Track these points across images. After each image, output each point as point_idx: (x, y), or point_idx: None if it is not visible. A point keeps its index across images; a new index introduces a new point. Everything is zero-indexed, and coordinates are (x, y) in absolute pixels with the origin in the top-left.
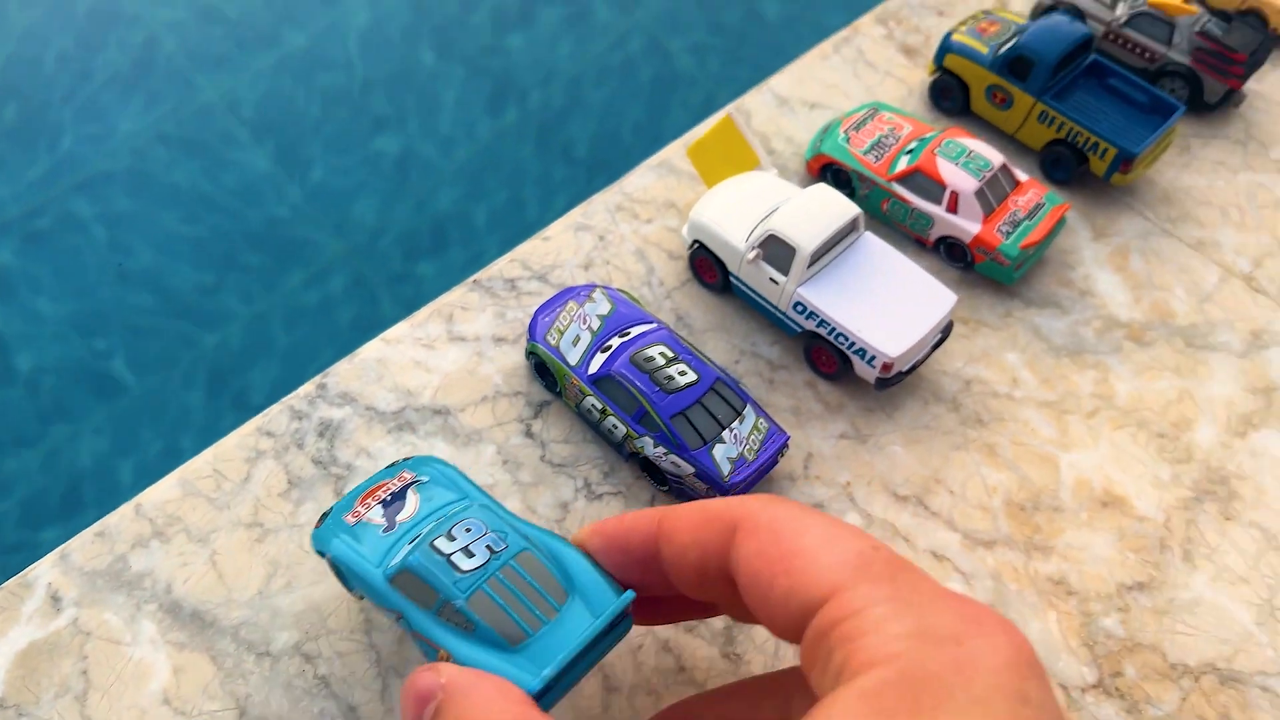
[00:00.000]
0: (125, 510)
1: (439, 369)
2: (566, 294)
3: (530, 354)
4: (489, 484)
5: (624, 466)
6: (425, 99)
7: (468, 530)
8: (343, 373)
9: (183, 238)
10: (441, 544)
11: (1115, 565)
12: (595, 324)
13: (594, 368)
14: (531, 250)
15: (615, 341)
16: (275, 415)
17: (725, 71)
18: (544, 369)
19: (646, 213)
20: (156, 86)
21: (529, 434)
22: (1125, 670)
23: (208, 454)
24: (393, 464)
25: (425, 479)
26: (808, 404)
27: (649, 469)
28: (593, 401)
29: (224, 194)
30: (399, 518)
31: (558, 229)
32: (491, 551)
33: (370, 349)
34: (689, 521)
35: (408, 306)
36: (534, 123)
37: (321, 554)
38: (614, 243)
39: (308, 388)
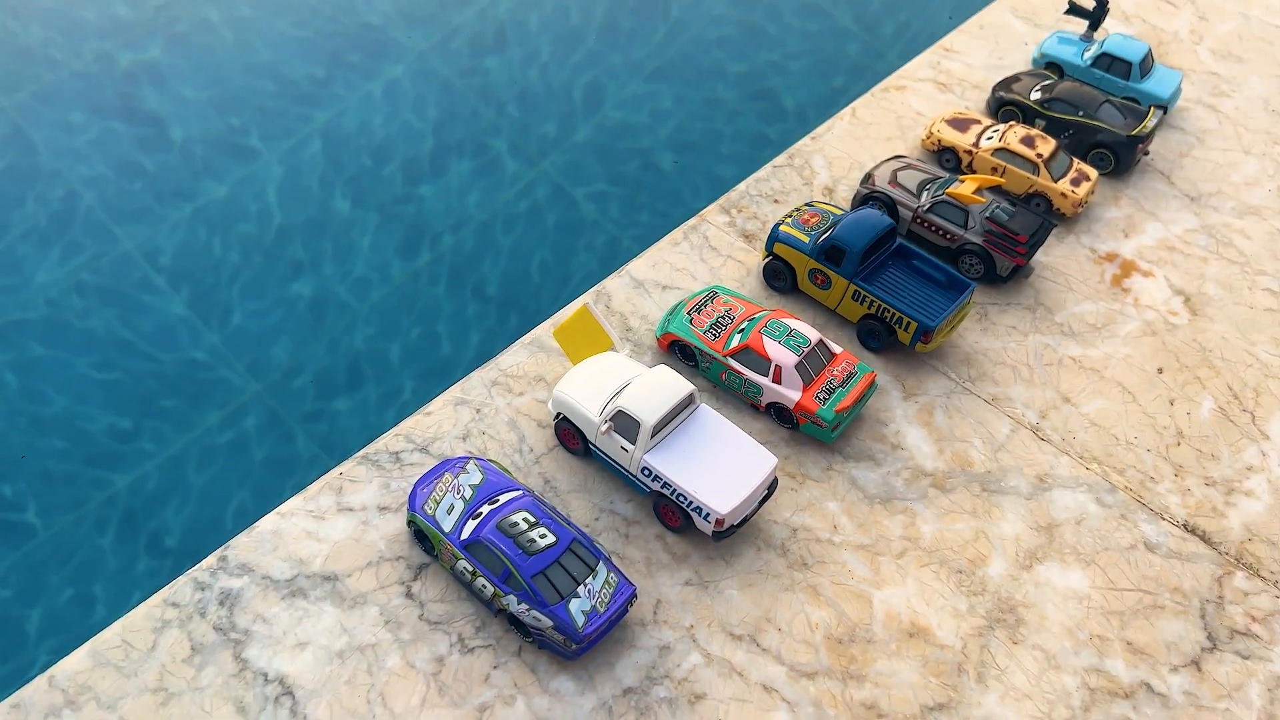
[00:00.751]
0: (39, 682)
1: (329, 538)
2: (443, 466)
3: (410, 523)
4: (371, 643)
5: (494, 622)
6: (340, 245)
7: None
8: (242, 545)
9: (97, 383)
10: None
11: (919, 689)
12: (468, 493)
13: (466, 534)
14: (415, 425)
15: (485, 509)
16: (180, 586)
17: (625, 216)
18: (422, 536)
19: (519, 386)
20: (74, 238)
21: (409, 595)
22: None
23: (117, 625)
24: None
25: None
26: (657, 555)
27: (515, 623)
28: (464, 564)
29: (140, 339)
30: None
31: (439, 404)
32: None
33: (267, 522)
34: None
35: (322, 443)
36: (446, 265)
37: None
38: (489, 415)
39: (210, 560)
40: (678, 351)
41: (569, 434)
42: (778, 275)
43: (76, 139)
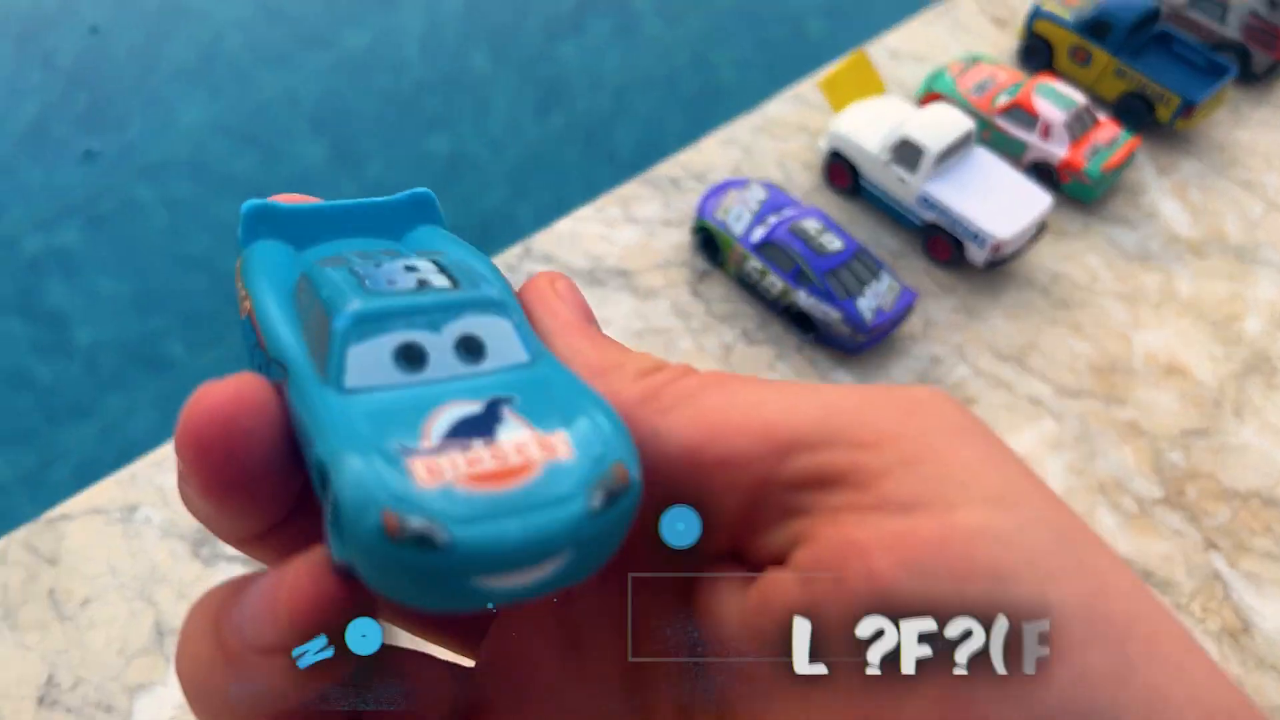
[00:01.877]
0: None
1: (619, 241)
2: (727, 184)
3: (699, 229)
4: (665, 328)
5: (775, 322)
6: (477, 101)
7: None
8: (542, 240)
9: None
10: None
11: (1178, 415)
12: (754, 205)
13: (756, 236)
14: (688, 159)
15: (772, 218)
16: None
17: (766, 86)
18: (709, 242)
19: (783, 133)
20: (219, 80)
21: (695, 294)
22: (1187, 491)
23: None
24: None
25: None
26: (925, 285)
27: (798, 320)
28: (754, 264)
29: (280, 185)
30: None
31: (708, 143)
32: None
33: (562, 225)
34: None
35: None
36: (581, 128)
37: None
38: (756, 155)
39: (516, 249)
40: None
41: (839, 170)
42: (1034, 54)
43: None
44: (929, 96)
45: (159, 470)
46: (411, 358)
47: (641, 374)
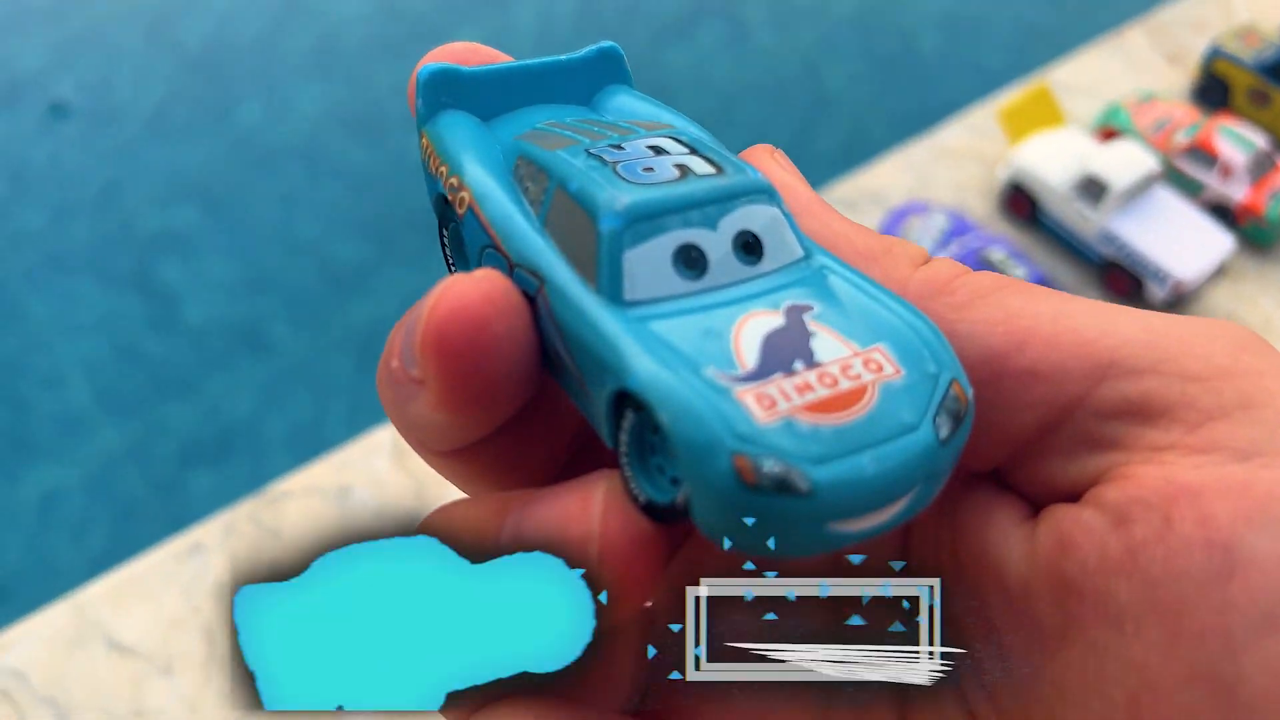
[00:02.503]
0: None
1: None
2: (907, 210)
3: None
4: None
5: None
6: None
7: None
8: None
9: (348, 213)
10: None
11: None
12: (936, 232)
13: None
14: (864, 181)
15: (955, 245)
16: None
17: (875, 101)
18: None
19: (958, 160)
20: (337, 73)
21: None
22: None
23: None
24: None
25: None
26: None
27: None
28: None
29: (392, 176)
30: None
31: (883, 167)
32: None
33: None
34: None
35: None
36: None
37: None
38: (931, 181)
39: None
40: None
41: (1019, 201)
42: (1210, 93)
43: None
44: (1105, 132)
45: (372, 454)
46: (692, 261)
47: (916, 262)
